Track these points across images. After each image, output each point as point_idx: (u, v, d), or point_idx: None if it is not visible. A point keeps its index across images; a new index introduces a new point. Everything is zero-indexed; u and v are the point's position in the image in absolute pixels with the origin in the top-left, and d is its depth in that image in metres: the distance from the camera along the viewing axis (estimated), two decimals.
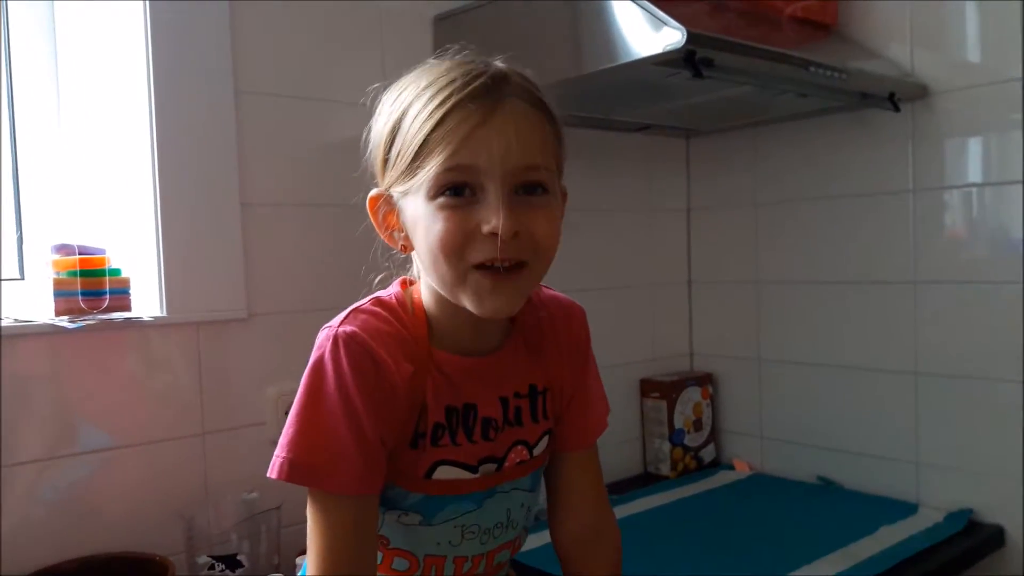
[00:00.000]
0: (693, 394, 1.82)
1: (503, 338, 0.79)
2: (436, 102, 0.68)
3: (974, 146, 1.46)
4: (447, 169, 0.67)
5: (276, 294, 1.30)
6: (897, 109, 1.49)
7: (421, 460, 0.74)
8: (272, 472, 0.70)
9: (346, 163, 1.38)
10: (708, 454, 1.86)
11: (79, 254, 1.12)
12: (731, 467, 1.83)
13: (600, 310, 1.77)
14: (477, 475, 0.76)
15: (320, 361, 0.70)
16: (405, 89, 0.73)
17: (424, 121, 0.68)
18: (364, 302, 0.76)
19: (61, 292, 1.11)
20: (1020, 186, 1.38)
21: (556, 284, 1.91)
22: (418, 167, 0.69)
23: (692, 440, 1.82)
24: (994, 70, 1.41)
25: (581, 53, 1.27)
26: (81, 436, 1.12)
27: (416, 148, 0.68)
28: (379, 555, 0.75)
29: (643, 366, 1.86)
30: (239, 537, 1.12)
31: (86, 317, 1.11)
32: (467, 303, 0.70)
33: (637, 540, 1.40)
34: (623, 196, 1.82)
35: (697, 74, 1.15)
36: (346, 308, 0.76)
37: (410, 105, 0.71)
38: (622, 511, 1.54)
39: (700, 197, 1.92)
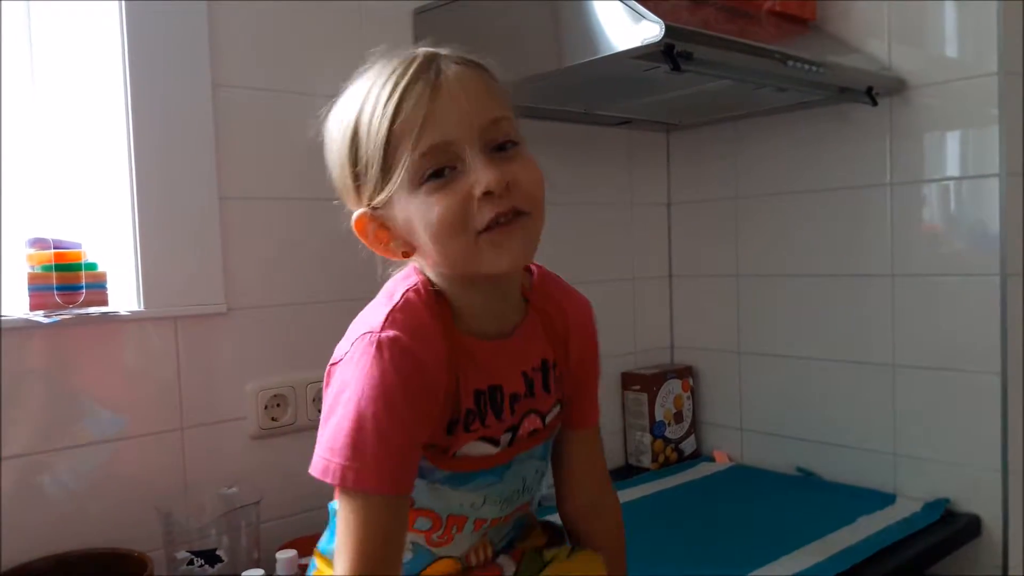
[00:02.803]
0: (674, 387, 1.83)
1: (520, 319, 0.81)
2: (385, 96, 0.69)
3: (951, 140, 1.47)
4: (421, 155, 0.68)
5: (255, 288, 1.29)
6: (875, 103, 1.50)
7: (455, 443, 0.76)
8: (319, 473, 0.72)
9: (325, 157, 1.38)
10: (688, 446, 1.87)
11: (54, 248, 1.11)
12: (711, 459, 1.84)
13: None
14: (499, 448, 0.79)
15: (366, 366, 0.70)
16: (348, 104, 0.73)
17: (381, 119, 0.69)
18: (397, 300, 0.75)
19: (36, 287, 1.10)
20: (997, 179, 1.40)
21: None
22: (391, 166, 0.69)
23: (673, 432, 1.83)
24: (971, 64, 1.42)
25: (561, 47, 1.27)
26: (57, 432, 1.11)
27: (383, 149, 0.69)
28: None
29: (624, 359, 1.87)
30: (218, 532, 1.12)
31: (62, 312, 1.09)
32: (485, 267, 0.71)
33: None
34: (604, 190, 1.83)
35: (676, 67, 1.15)
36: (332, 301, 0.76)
37: (360, 112, 0.71)
38: None
39: (680, 191, 1.92)
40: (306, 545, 1.17)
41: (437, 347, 0.73)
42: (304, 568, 1.09)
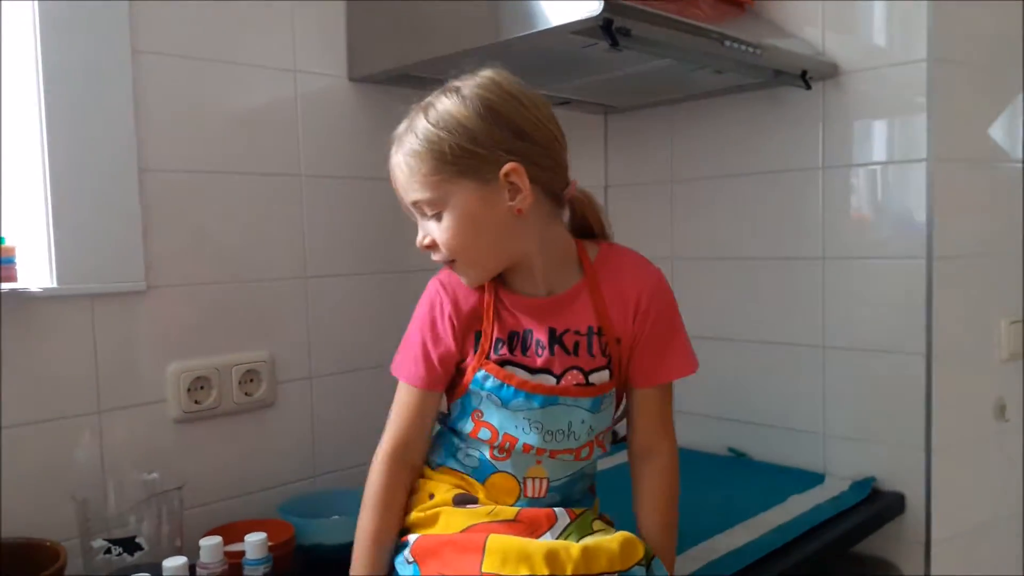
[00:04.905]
0: None
1: (570, 286, 0.99)
2: None
3: (882, 124, 1.49)
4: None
5: (177, 266, 1.24)
6: (809, 87, 1.51)
7: (499, 359, 0.98)
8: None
9: (254, 129, 1.33)
10: (623, 427, 1.86)
11: None
12: None
13: None
14: (535, 377, 0.97)
15: (423, 298, 1.01)
16: None
17: None
18: None
19: None
20: (924, 164, 1.42)
21: None
22: None
23: None
24: (902, 51, 1.44)
25: (498, 20, 1.24)
26: None
27: None
28: (472, 423, 0.98)
29: None
30: (138, 519, 1.07)
31: None
32: None
33: None
34: None
35: (614, 44, 1.14)
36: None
37: None
38: None
39: (617, 174, 1.92)
40: (231, 532, 1.13)
41: (470, 291, 0.98)
42: (228, 556, 1.06)
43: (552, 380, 0.97)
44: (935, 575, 1.46)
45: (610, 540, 0.92)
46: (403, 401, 1.00)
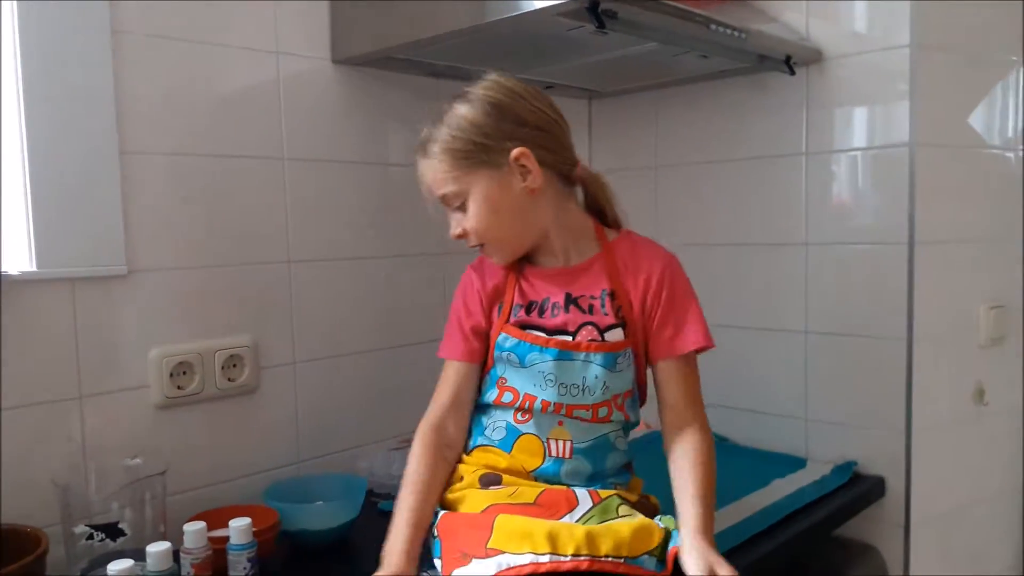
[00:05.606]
0: None
1: (587, 258, 1.10)
2: None
3: (865, 110, 1.50)
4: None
5: (159, 249, 1.23)
6: (793, 72, 1.52)
7: (517, 321, 1.10)
8: None
9: (236, 112, 1.32)
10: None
11: None
12: None
13: None
14: (552, 336, 1.07)
15: (458, 285, 1.15)
16: None
17: None
18: None
19: None
20: (906, 150, 1.43)
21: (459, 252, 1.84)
22: None
23: None
24: (885, 36, 1.44)
25: (484, 2, 1.24)
26: None
27: None
28: (497, 390, 1.09)
29: None
30: (121, 505, 1.06)
31: None
32: None
33: None
34: None
35: (600, 26, 1.13)
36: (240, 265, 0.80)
37: None
38: None
39: (601, 159, 1.91)
40: (215, 517, 1.12)
41: (496, 270, 1.12)
42: (213, 542, 1.05)
43: (568, 338, 1.07)
44: (914, 557, 1.48)
45: (623, 525, 0.95)
46: (442, 376, 1.12)
